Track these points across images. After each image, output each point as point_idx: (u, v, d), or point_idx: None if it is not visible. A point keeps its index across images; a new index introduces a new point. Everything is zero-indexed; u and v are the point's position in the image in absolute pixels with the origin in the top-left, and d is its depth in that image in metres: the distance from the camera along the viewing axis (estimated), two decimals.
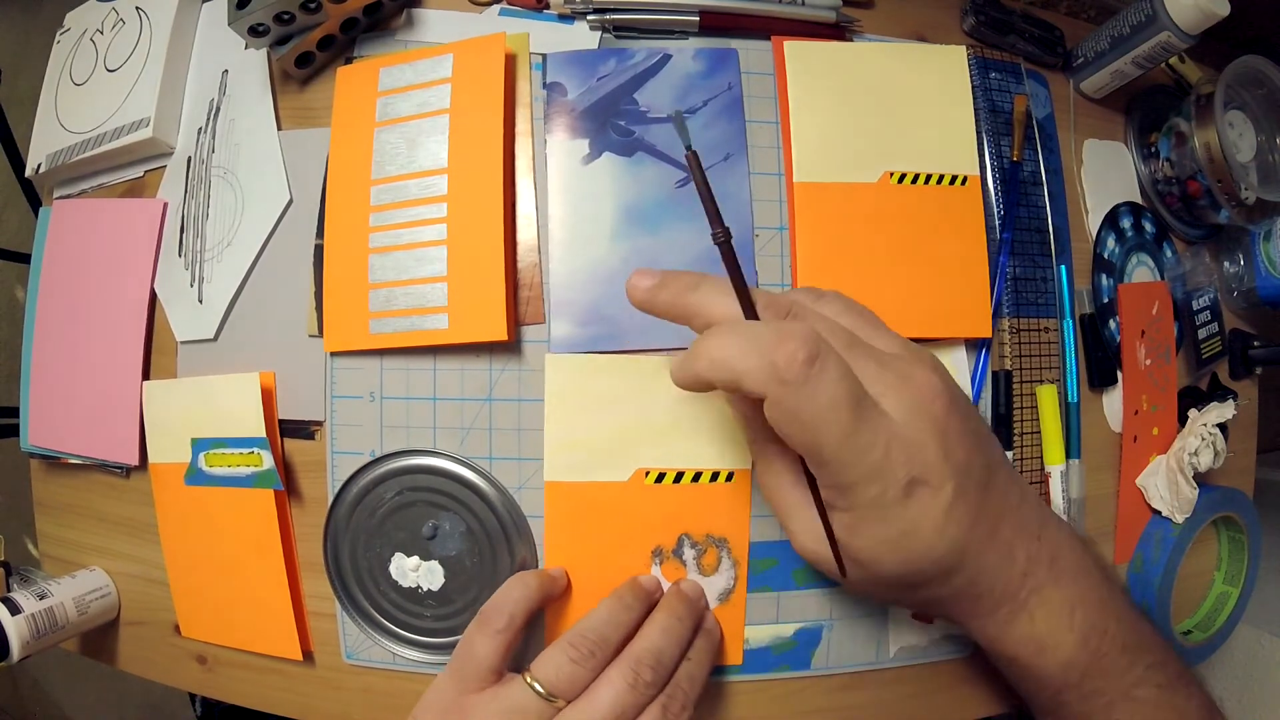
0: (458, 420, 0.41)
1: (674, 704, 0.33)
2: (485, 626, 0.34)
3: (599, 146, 0.42)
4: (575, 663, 0.32)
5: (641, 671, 0.32)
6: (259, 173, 0.45)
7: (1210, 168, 0.47)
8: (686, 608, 0.37)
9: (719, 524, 0.40)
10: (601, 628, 0.34)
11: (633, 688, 0.31)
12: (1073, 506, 0.45)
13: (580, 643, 0.33)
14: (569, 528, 0.40)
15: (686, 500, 0.40)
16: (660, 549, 0.40)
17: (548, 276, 0.41)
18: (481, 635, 0.34)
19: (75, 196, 0.50)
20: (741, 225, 0.42)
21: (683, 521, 0.40)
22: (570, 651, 0.32)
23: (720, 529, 0.40)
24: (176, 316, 0.45)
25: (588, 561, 0.40)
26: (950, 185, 0.43)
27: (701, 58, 0.43)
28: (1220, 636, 0.51)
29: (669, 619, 0.36)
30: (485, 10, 0.45)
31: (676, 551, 0.40)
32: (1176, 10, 0.43)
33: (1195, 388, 0.53)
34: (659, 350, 0.40)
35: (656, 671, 0.32)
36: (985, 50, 0.47)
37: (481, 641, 0.33)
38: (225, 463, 0.42)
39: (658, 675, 0.32)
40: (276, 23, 0.42)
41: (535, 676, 0.32)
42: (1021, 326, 0.44)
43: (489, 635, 0.33)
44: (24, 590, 0.43)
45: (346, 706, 0.43)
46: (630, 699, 0.31)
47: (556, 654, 0.33)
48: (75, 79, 0.50)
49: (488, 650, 0.33)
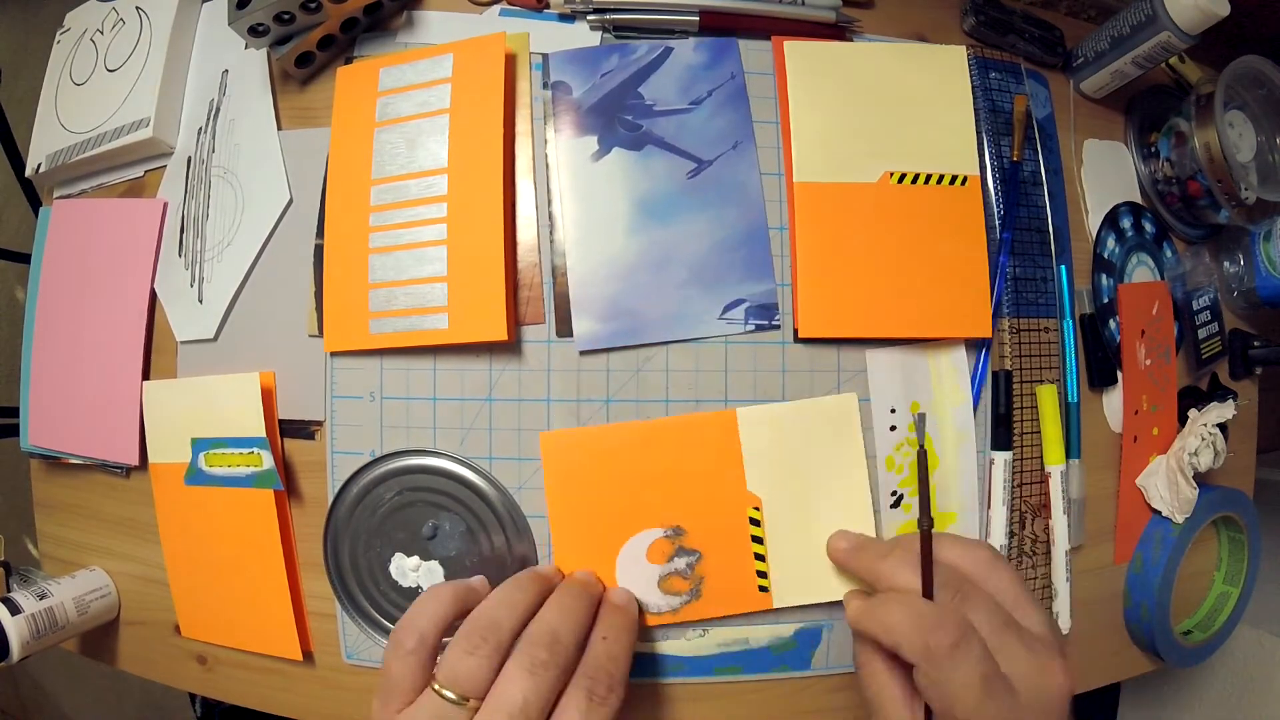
0: (458, 420, 0.41)
1: (599, 686, 0.32)
2: (397, 648, 0.33)
3: (608, 142, 0.42)
4: (469, 654, 0.31)
5: (536, 653, 0.31)
6: (259, 173, 0.45)
7: (1210, 168, 0.47)
8: (582, 585, 0.37)
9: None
10: (491, 611, 0.33)
11: (531, 672, 0.31)
12: (1073, 506, 0.45)
13: (470, 633, 0.32)
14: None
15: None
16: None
17: (569, 275, 0.41)
18: (394, 658, 0.33)
19: (75, 196, 0.50)
20: (753, 213, 0.42)
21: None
22: (463, 644, 0.32)
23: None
24: (176, 316, 0.45)
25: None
26: (950, 185, 0.43)
27: (703, 49, 0.43)
28: (1220, 636, 0.51)
29: (563, 596, 0.35)
30: (485, 10, 0.45)
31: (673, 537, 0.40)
32: (1176, 10, 0.43)
33: (1195, 388, 0.53)
34: (679, 342, 0.41)
35: (553, 651, 0.32)
36: (985, 50, 0.47)
37: (395, 664, 0.33)
38: (225, 463, 0.42)
39: (555, 655, 0.32)
40: (276, 23, 0.42)
41: (438, 679, 0.31)
42: (1021, 326, 0.44)
43: (400, 657, 0.33)
44: (24, 590, 0.43)
45: (346, 706, 0.44)
46: (533, 685, 0.30)
47: (452, 651, 0.32)
48: (75, 79, 0.50)
49: (402, 671, 0.32)
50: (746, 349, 0.41)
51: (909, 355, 0.42)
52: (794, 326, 0.41)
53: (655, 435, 0.40)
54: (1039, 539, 0.45)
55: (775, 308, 0.41)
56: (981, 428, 0.43)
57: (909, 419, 0.42)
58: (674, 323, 0.41)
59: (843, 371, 0.42)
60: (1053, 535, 0.45)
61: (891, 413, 0.42)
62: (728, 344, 0.41)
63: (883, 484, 0.42)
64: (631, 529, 0.40)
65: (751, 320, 0.41)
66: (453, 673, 0.31)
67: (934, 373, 0.43)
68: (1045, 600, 0.45)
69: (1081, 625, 0.46)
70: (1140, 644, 0.49)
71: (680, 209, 0.42)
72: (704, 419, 0.40)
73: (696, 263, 0.41)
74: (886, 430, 0.42)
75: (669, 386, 0.41)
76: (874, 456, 0.42)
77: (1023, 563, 0.44)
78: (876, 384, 0.42)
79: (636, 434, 0.40)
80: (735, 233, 0.42)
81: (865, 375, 0.42)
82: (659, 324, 0.41)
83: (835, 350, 0.42)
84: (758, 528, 0.40)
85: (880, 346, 0.42)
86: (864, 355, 0.42)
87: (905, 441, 0.42)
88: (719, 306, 0.41)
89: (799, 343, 0.42)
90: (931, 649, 0.31)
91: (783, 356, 0.42)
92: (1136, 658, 0.50)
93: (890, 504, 0.42)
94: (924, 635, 0.31)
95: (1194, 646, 0.50)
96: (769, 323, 0.41)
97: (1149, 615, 0.47)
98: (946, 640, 0.30)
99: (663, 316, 0.41)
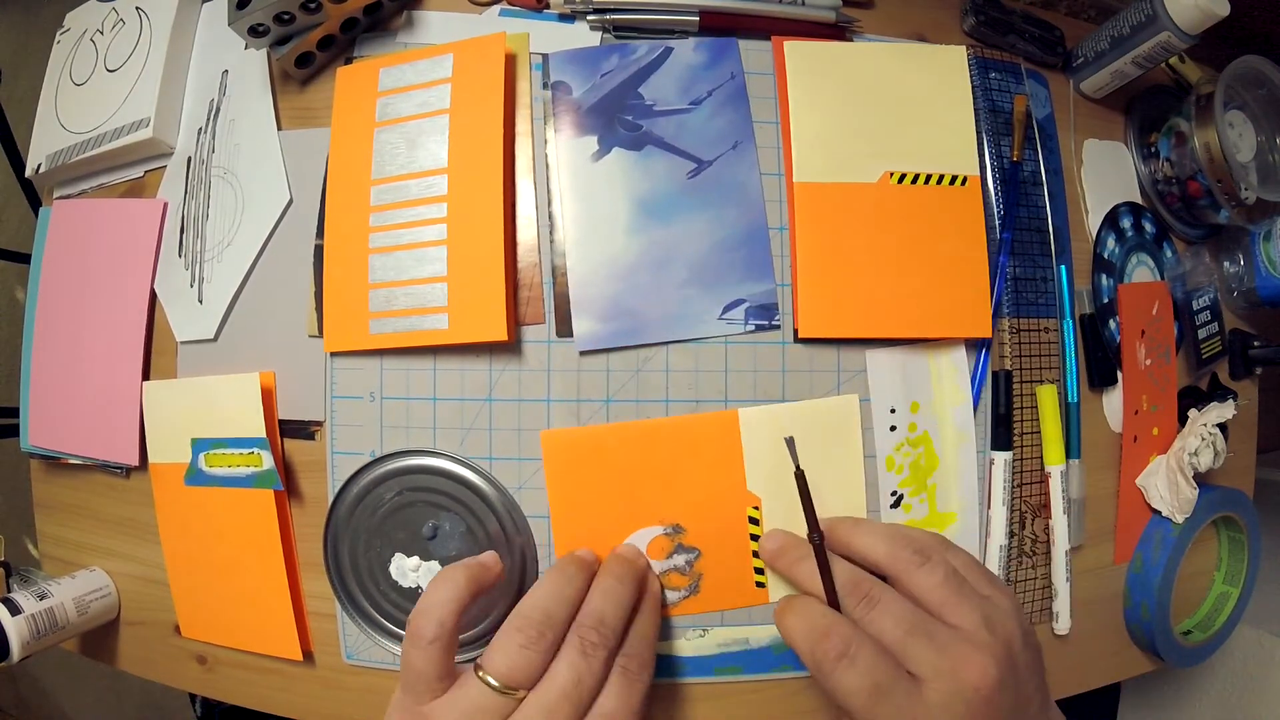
0: (458, 420, 0.41)
1: (632, 664, 0.33)
2: (417, 640, 0.32)
3: (608, 142, 0.42)
4: (526, 647, 0.31)
5: (587, 635, 0.32)
6: (259, 173, 0.45)
7: (1210, 168, 0.47)
8: (625, 568, 0.37)
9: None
10: (546, 604, 0.33)
11: (583, 654, 0.32)
12: (1073, 506, 0.45)
13: (526, 626, 0.32)
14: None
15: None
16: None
17: (569, 275, 0.41)
18: (415, 649, 0.32)
19: (75, 196, 0.50)
20: (753, 213, 0.42)
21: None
22: (518, 637, 0.32)
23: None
24: (176, 316, 0.45)
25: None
26: (950, 185, 0.43)
27: (703, 49, 0.43)
28: (1220, 636, 0.51)
29: (608, 580, 0.36)
30: (485, 10, 0.45)
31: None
32: (1176, 10, 0.43)
33: (1195, 388, 0.53)
34: (679, 342, 0.41)
35: (601, 633, 0.33)
36: (985, 50, 0.47)
37: (416, 655, 0.32)
38: (225, 463, 0.42)
39: (603, 636, 0.33)
40: (276, 23, 0.42)
41: (488, 671, 0.31)
42: (1021, 326, 0.44)
43: (421, 647, 0.32)
44: (24, 590, 0.43)
45: (346, 706, 0.43)
46: (584, 665, 0.31)
47: (506, 642, 0.32)
48: (75, 79, 0.50)
49: (425, 663, 0.32)
50: (746, 349, 0.41)
51: (909, 355, 0.42)
52: (794, 326, 0.41)
53: (656, 435, 0.40)
54: (1039, 539, 0.45)
55: (775, 308, 0.41)
56: (981, 428, 0.44)
57: (909, 419, 0.42)
58: (674, 323, 0.41)
59: (843, 371, 0.42)
60: (1053, 535, 0.45)
61: (891, 413, 0.42)
62: (728, 344, 0.41)
63: (883, 484, 0.42)
64: (631, 526, 0.40)
65: (751, 320, 0.41)
66: (509, 665, 0.31)
67: (934, 373, 0.43)
68: (1045, 600, 0.45)
69: (1081, 625, 0.46)
70: (1140, 644, 0.49)
71: (680, 209, 0.42)
72: (705, 419, 0.40)
73: (696, 263, 0.41)
74: (886, 430, 0.42)
75: (669, 387, 0.41)
76: (874, 456, 0.42)
77: (1023, 563, 0.44)
78: (876, 384, 0.42)
79: (637, 433, 0.40)
80: (735, 233, 0.42)
81: (865, 375, 0.42)
82: (659, 324, 0.41)
83: (835, 350, 0.42)
84: (757, 527, 0.40)
85: (880, 346, 0.42)
86: (864, 355, 0.42)
87: (905, 441, 0.42)
88: (719, 306, 0.41)
89: (799, 343, 0.42)
90: (818, 658, 0.32)
91: (783, 356, 0.42)
92: (1136, 658, 0.50)
93: (890, 504, 0.42)
94: (811, 644, 0.33)
95: (1194, 646, 0.50)
96: (769, 323, 0.41)
97: (1149, 615, 0.47)
98: (833, 651, 0.32)
99: (663, 316, 0.41)
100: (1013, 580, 0.44)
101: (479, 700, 0.31)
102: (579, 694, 0.31)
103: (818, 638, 0.33)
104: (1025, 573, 0.45)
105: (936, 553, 0.35)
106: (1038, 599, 0.45)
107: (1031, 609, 0.45)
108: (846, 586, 0.35)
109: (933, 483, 0.43)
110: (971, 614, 0.33)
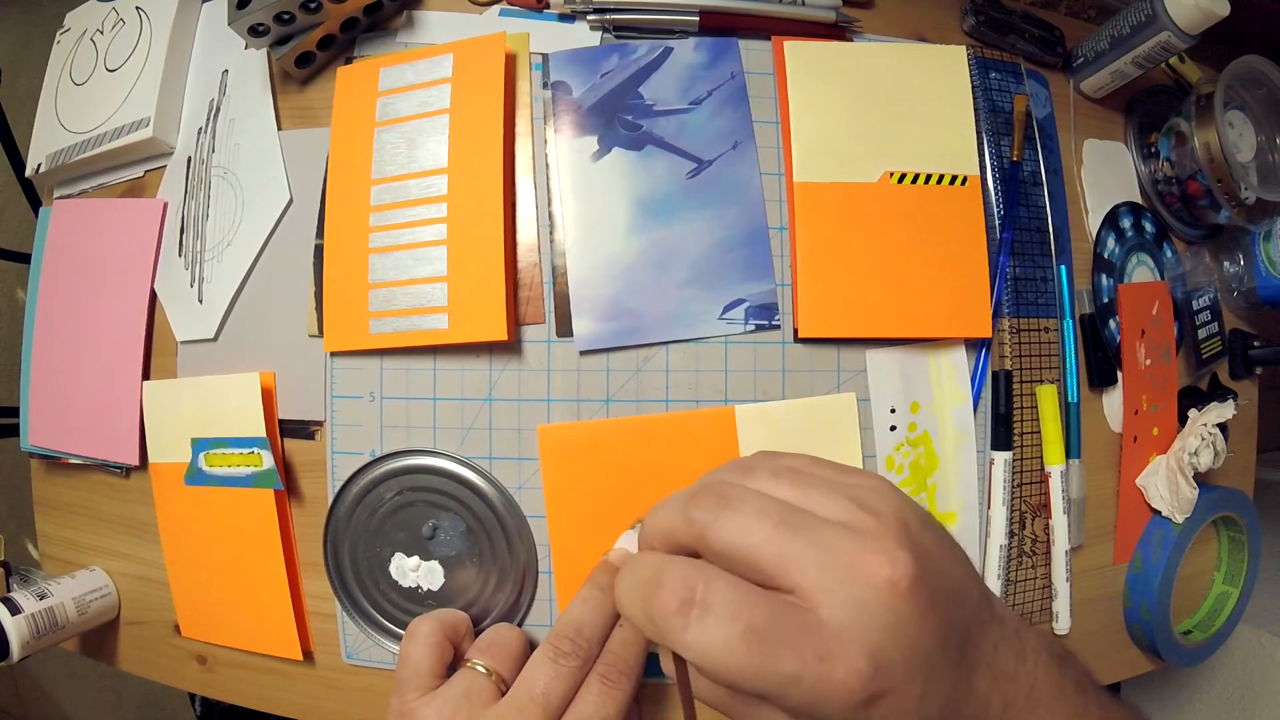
0: (458, 420, 0.41)
1: (612, 671, 0.33)
2: (414, 635, 0.34)
3: (608, 142, 0.42)
4: (554, 661, 0.32)
5: (560, 644, 0.32)
6: (259, 173, 0.45)
7: (1210, 168, 0.47)
8: (610, 576, 0.36)
9: None
10: (577, 618, 0.34)
11: (554, 661, 0.32)
12: (1073, 506, 0.45)
13: (559, 641, 0.33)
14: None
15: None
16: None
17: (568, 275, 0.41)
18: (411, 643, 0.34)
19: (75, 196, 0.50)
20: (753, 213, 0.42)
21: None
22: (548, 649, 0.33)
23: None
24: (176, 316, 0.45)
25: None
26: (950, 185, 0.43)
27: (703, 48, 0.43)
28: (1220, 636, 0.51)
29: (590, 589, 0.35)
30: (485, 10, 0.45)
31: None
32: (1176, 10, 0.43)
33: (1195, 388, 0.53)
34: (679, 342, 0.41)
35: (575, 642, 0.32)
36: (985, 50, 0.47)
37: (413, 649, 0.34)
38: (225, 463, 0.42)
39: (577, 645, 0.32)
40: (276, 23, 0.42)
41: (518, 687, 0.32)
42: (1021, 326, 0.44)
43: (418, 641, 0.34)
44: (24, 590, 0.43)
45: (346, 706, 0.43)
46: (553, 672, 0.31)
47: (540, 658, 0.32)
48: (75, 79, 0.50)
49: (420, 655, 0.34)
50: (746, 349, 0.41)
51: (909, 355, 0.42)
52: (794, 326, 0.41)
53: (652, 430, 0.40)
54: (1039, 539, 0.45)
55: (775, 308, 0.41)
56: (981, 428, 0.44)
57: (909, 419, 0.42)
58: (674, 323, 0.41)
59: (843, 371, 0.42)
60: (1053, 535, 0.45)
61: (891, 413, 0.42)
62: (728, 344, 0.41)
63: None
64: (627, 520, 0.40)
65: (751, 320, 0.41)
66: (547, 683, 0.32)
67: (934, 373, 0.43)
68: (1045, 600, 0.45)
69: (1081, 625, 0.46)
70: (1140, 644, 0.49)
71: (680, 209, 0.42)
72: (701, 415, 0.40)
73: (696, 263, 0.41)
74: (886, 430, 0.42)
75: (669, 386, 0.41)
76: (873, 456, 0.42)
77: (1023, 563, 0.44)
78: (876, 384, 0.42)
79: (633, 428, 0.40)
80: (735, 233, 0.42)
81: (865, 375, 0.42)
82: (659, 324, 0.41)
83: (835, 350, 0.42)
84: None
85: (880, 346, 0.42)
86: (864, 355, 0.42)
87: (905, 441, 0.42)
88: (719, 306, 0.41)
89: (799, 343, 0.42)
90: (656, 620, 0.24)
91: (783, 356, 0.42)
92: (1136, 658, 0.50)
93: None
94: (642, 604, 0.24)
95: (1194, 646, 0.50)
96: (769, 323, 0.41)
97: (1149, 615, 0.47)
98: (672, 601, 0.23)
99: (663, 316, 0.41)
100: (1013, 580, 0.44)
101: (470, 684, 0.32)
102: (547, 700, 0.31)
103: (649, 593, 0.24)
104: (1025, 573, 0.45)
105: (758, 462, 0.28)
106: (1038, 599, 0.45)
107: (1031, 609, 0.45)
108: (675, 521, 0.26)
109: (932, 483, 0.43)
110: (835, 500, 0.25)
